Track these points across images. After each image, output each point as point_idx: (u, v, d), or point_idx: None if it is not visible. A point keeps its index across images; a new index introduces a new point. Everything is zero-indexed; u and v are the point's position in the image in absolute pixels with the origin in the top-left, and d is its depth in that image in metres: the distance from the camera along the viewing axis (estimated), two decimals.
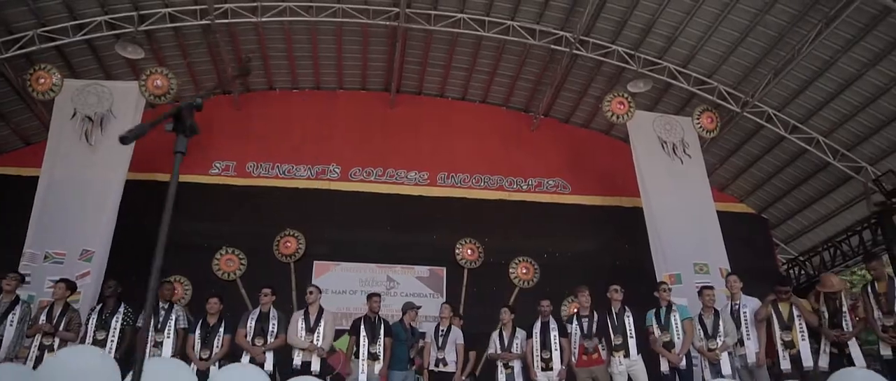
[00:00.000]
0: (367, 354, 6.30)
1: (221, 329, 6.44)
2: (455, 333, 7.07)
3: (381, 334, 6.46)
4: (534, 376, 6.53)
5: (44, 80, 8.84)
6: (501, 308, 7.17)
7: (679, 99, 11.00)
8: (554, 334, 6.63)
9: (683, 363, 6.22)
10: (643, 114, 10.21)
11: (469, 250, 10.69)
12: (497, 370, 6.84)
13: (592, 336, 6.47)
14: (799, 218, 12.06)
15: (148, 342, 6.23)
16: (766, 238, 12.15)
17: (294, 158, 11.14)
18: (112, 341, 6.26)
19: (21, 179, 9.78)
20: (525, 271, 10.70)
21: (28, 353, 6.14)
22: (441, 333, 7.03)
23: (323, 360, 6.36)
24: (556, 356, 6.51)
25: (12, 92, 9.72)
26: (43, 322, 6.26)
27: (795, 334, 6.17)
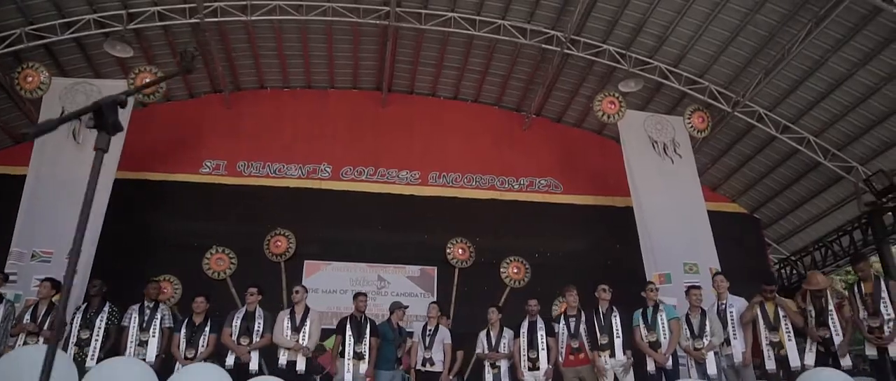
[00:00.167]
0: (352, 353, 6.27)
1: (207, 329, 6.41)
2: (442, 332, 7.05)
3: (367, 333, 6.43)
4: (521, 375, 6.51)
5: (32, 78, 8.79)
6: (489, 308, 7.15)
7: (670, 99, 11.00)
8: (541, 333, 6.61)
9: (670, 363, 6.20)
10: (634, 113, 10.20)
11: (460, 250, 10.67)
12: (484, 369, 6.82)
13: (579, 336, 6.46)
14: (791, 218, 12.07)
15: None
16: (759, 238, 12.15)
17: (285, 157, 11.12)
18: (96, 340, 6.23)
19: (10, 177, 9.71)
20: (516, 270, 10.68)
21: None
22: (428, 332, 7.01)
23: (309, 359, 6.32)
24: (543, 355, 6.49)
25: (1, 90, 9.67)
26: (27, 322, 6.22)
27: (782, 334, 6.16)
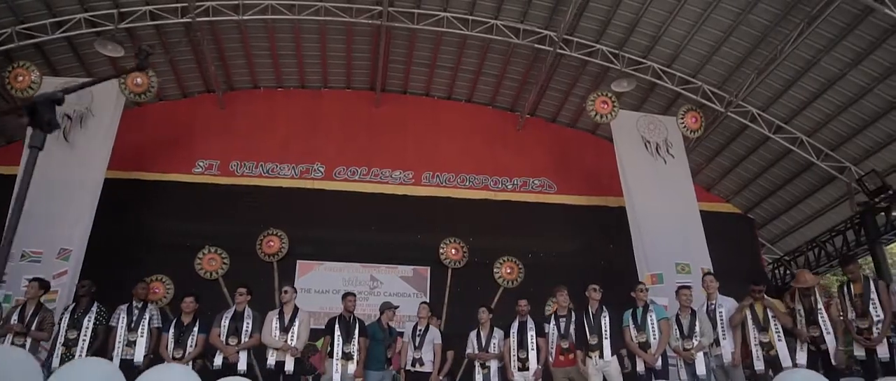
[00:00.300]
0: (340, 353, 6.25)
1: (196, 329, 6.39)
2: (432, 333, 7.03)
3: (356, 333, 6.41)
4: (510, 376, 6.49)
5: (22, 77, 8.77)
6: (480, 308, 7.13)
7: (664, 99, 10.99)
8: (531, 333, 6.59)
9: (659, 364, 6.18)
10: (627, 113, 10.19)
11: (453, 250, 10.66)
12: (474, 369, 6.81)
13: (569, 336, 6.44)
14: (785, 218, 12.06)
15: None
16: (752, 238, 12.16)
17: (278, 157, 11.10)
18: (84, 340, 6.20)
19: (1, 176, 9.70)
20: (509, 270, 10.67)
21: None
22: (418, 333, 6.99)
23: (297, 360, 6.31)
24: (533, 355, 6.46)
25: None
26: (14, 322, 6.19)
27: (772, 335, 6.15)
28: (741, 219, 12.28)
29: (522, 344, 6.55)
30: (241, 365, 6.14)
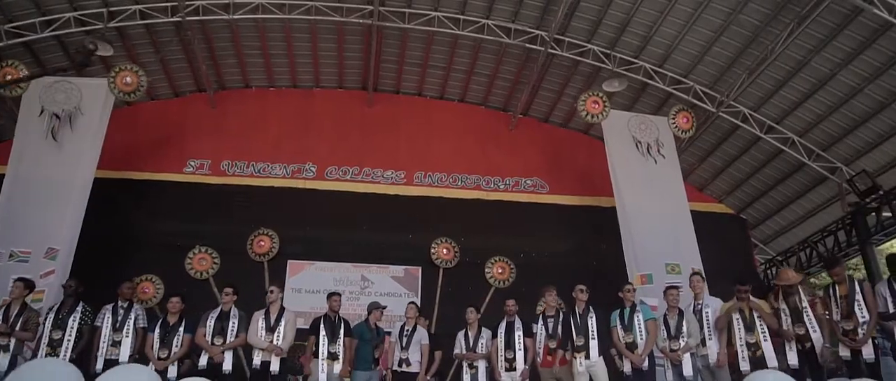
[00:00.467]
0: (326, 353, 6.23)
1: (181, 329, 6.36)
2: (420, 333, 7.00)
3: (341, 333, 6.38)
4: (498, 376, 6.47)
5: (11, 76, 8.72)
6: (467, 308, 7.11)
7: (656, 99, 10.98)
8: (518, 334, 6.56)
9: (646, 364, 6.17)
10: (618, 113, 10.17)
11: (445, 250, 10.64)
12: (462, 369, 6.79)
13: (557, 337, 6.43)
14: (777, 218, 12.07)
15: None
16: (745, 239, 12.15)
17: (270, 156, 11.09)
18: (68, 340, 6.16)
19: None
20: (501, 270, 10.66)
21: None
22: (406, 333, 6.97)
23: (283, 360, 6.28)
24: (520, 356, 6.44)
25: None
26: None
27: (758, 335, 6.12)
28: (734, 219, 12.27)
29: (510, 344, 6.52)
30: (227, 365, 6.11)
